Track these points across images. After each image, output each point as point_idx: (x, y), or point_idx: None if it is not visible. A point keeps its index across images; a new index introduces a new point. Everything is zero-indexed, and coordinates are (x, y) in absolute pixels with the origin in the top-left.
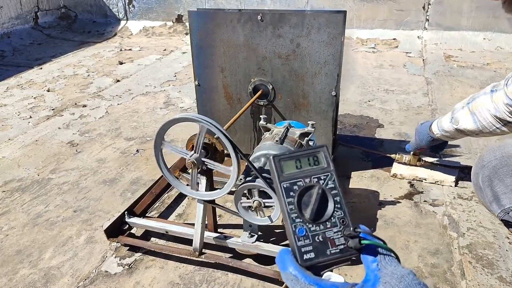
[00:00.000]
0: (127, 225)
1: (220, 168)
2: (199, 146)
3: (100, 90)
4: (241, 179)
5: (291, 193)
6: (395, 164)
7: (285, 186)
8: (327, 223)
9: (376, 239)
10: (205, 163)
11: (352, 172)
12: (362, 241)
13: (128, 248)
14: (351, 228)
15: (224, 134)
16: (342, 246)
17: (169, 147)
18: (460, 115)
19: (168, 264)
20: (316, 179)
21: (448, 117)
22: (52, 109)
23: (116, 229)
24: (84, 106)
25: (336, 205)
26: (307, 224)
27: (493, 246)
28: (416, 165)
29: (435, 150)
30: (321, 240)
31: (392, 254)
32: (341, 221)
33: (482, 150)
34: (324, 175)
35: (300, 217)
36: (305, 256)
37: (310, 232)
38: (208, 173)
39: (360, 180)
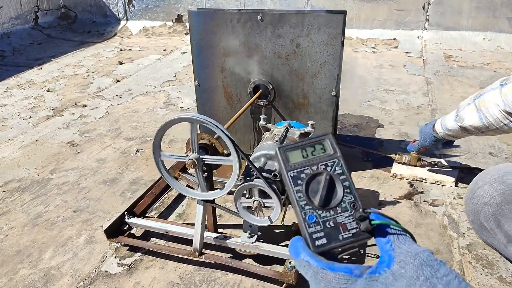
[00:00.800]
0: (127, 225)
1: (219, 160)
2: (195, 144)
3: (100, 90)
4: (241, 179)
5: (299, 181)
6: (395, 164)
7: (292, 175)
8: (338, 208)
9: (388, 219)
10: (204, 160)
11: (352, 172)
12: (373, 222)
13: (128, 248)
14: (361, 210)
15: (225, 133)
16: (354, 230)
17: (165, 155)
18: (466, 112)
19: (168, 264)
20: (323, 166)
21: (452, 115)
22: (52, 109)
23: (116, 229)
24: (84, 106)
25: (346, 190)
26: (317, 210)
27: None
28: (416, 165)
29: (444, 145)
30: (332, 225)
31: (406, 234)
32: (351, 205)
33: (482, 150)
34: (331, 162)
35: (309, 204)
36: (316, 242)
37: (320, 219)
38: (208, 172)
39: (360, 180)
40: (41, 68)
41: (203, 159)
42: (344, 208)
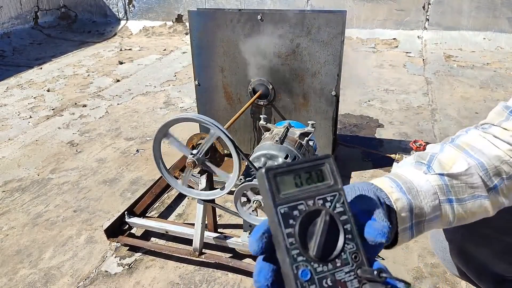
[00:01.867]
0: (127, 225)
1: (218, 172)
2: (204, 149)
3: (100, 90)
4: (241, 179)
5: (291, 221)
6: (395, 164)
7: (282, 211)
8: (337, 260)
9: (399, 281)
10: (205, 165)
11: (352, 172)
12: None
13: (128, 248)
14: (374, 271)
15: (226, 134)
16: None
17: (174, 141)
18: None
19: (168, 264)
20: (321, 201)
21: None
22: (52, 109)
23: (116, 229)
24: (84, 106)
25: (347, 236)
26: (312, 263)
27: None
28: None
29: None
30: (330, 284)
31: None
32: (353, 256)
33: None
34: (331, 196)
35: (303, 254)
36: None
37: (316, 275)
38: (208, 172)
39: (360, 180)
40: (41, 68)
41: (205, 164)
42: (345, 260)
